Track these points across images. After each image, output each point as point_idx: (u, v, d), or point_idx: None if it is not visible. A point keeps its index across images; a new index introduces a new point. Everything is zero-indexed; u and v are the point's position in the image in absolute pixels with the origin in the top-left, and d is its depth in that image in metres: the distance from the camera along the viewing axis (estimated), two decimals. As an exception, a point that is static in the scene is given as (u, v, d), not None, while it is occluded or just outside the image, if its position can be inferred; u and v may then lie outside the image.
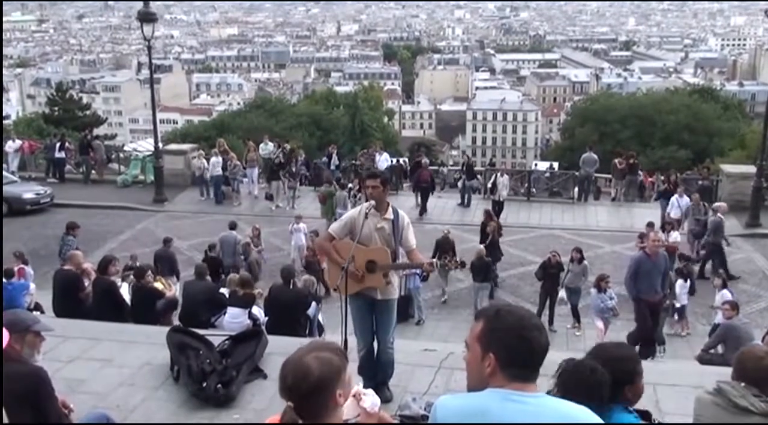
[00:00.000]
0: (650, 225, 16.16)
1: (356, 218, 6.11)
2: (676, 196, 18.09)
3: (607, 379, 3.12)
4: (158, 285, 10.48)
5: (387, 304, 6.25)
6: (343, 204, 18.35)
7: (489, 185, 21.44)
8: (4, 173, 22.41)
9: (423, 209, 20.83)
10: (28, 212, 20.59)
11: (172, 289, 11.03)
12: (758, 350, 4.08)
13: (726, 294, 12.16)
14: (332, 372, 2.41)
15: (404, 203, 20.26)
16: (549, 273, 13.78)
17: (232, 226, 15.88)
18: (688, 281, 13.77)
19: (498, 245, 15.97)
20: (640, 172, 24.18)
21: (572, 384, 3.07)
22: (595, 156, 23.06)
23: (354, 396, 2.79)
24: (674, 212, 17.78)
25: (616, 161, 23.43)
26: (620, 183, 23.11)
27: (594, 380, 3.09)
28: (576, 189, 23.23)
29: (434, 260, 6.04)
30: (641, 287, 10.55)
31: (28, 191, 21.29)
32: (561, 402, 2.38)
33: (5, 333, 4.03)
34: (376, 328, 6.30)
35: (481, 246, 15.07)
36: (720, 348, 9.61)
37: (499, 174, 21.24)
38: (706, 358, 9.47)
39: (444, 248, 15.10)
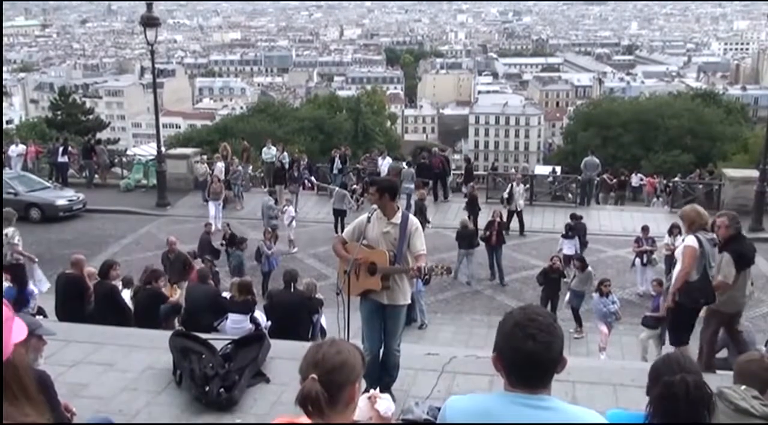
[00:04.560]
0: (645, 229, 16.10)
1: (363, 221, 6.20)
2: None
3: (707, 393, 3.09)
4: (164, 290, 10.49)
5: (395, 310, 6.26)
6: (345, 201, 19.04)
7: (506, 195, 20.04)
8: (37, 178, 22.43)
9: (445, 195, 21.69)
10: (62, 218, 20.48)
11: (177, 294, 11.04)
12: (759, 354, 4.09)
13: None
14: (357, 363, 2.45)
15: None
16: (550, 278, 13.77)
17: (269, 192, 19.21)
18: (576, 238, 16.08)
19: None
20: (640, 175, 24.89)
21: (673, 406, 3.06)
22: (597, 160, 23.10)
23: (369, 398, 2.79)
24: None
25: (606, 176, 24.04)
26: (608, 196, 25.25)
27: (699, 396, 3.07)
28: (578, 193, 23.23)
29: (422, 265, 6.02)
30: None
31: (61, 198, 21.05)
32: (568, 406, 2.40)
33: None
34: (383, 333, 6.30)
35: (465, 218, 17.04)
36: (724, 352, 9.59)
37: (515, 183, 19.97)
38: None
39: None
